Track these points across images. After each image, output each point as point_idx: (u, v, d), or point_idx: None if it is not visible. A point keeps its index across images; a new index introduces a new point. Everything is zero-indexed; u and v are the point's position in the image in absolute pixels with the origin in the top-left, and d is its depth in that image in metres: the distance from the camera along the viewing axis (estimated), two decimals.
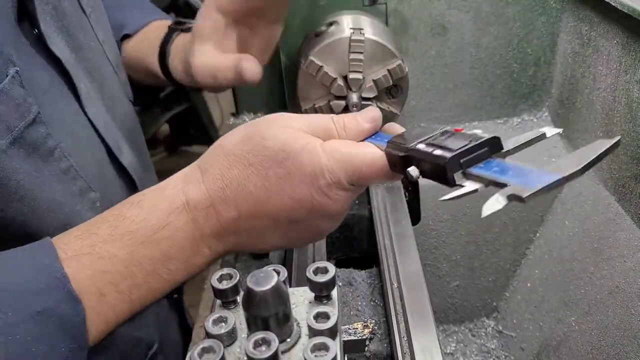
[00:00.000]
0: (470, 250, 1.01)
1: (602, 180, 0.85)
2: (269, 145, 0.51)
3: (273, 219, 0.52)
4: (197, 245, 0.53)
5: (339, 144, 0.52)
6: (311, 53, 0.77)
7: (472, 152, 0.44)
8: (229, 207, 0.52)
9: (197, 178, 0.53)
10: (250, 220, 0.52)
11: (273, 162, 0.51)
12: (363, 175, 0.51)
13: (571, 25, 0.90)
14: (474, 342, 1.03)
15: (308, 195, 0.51)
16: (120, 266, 0.50)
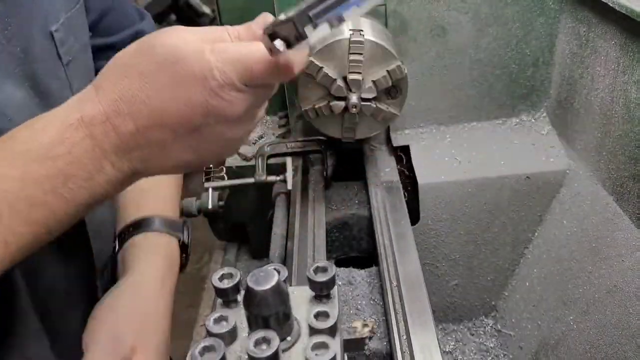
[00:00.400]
0: (469, 250, 1.01)
1: (600, 180, 0.86)
2: (158, 51, 0.50)
3: (171, 128, 0.51)
4: (99, 162, 0.50)
5: (228, 45, 0.50)
6: (311, 54, 0.78)
7: (319, 5, 0.44)
8: (125, 120, 0.50)
9: (91, 94, 0.51)
10: (149, 133, 0.50)
11: (163, 68, 0.49)
12: (255, 73, 0.49)
13: (569, 26, 0.90)
14: (472, 340, 1.04)
15: (201, 99, 0.49)
16: (15, 185, 0.48)
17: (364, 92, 0.79)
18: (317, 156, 0.98)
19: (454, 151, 0.98)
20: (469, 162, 0.96)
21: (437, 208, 0.96)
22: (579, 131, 0.91)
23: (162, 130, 0.51)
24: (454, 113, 1.01)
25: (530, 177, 0.94)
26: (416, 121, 1.01)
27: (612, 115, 0.81)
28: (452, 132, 1.01)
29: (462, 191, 0.95)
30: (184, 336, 1.03)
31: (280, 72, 0.50)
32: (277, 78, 0.52)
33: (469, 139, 0.99)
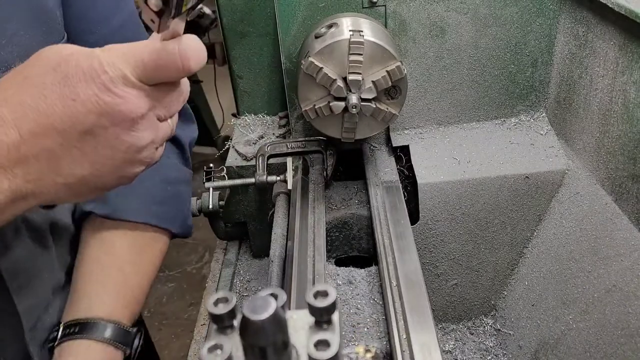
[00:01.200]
0: (468, 249, 1.01)
1: (599, 180, 0.86)
2: (44, 54, 0.46)
3: (61, 133, 0.45)
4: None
5: (117, 43, 0.47)
6: (311, 54, 0.78)
7: None
8: (7, 129, 0.44)
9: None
10: (35, 141, 0.44)
11: (48, 69, 0.45)
12: (148, 64, 0.45)
13: (568, 26, 0.90)
14: (472, 340, 1.04)
15: (92, 95, 0.44)
16: None
17: (364, 93, 0.79)
18: (317, 156, 0.98)
19: (453, 151, 0.98)
20: (468, 162, 0.96)
21: (437, 208, 0.96)
22: (578, 131, 0.91)
23: (50, 136, 0.45)
24: (454, 113, 1.01)
25: (529, 177, 0.94)
26: (416, 121, 1.01)
27: (611, 116, 0.81)
28: (451, 132, 1.01)
29: (462, 191, 0.95)
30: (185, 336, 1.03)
31: (175, 64, 0.46)
32: (174, 71, 0.47)
33: (468, 139, 1.00)
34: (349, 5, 0.90)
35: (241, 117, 1.13)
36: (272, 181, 0.96)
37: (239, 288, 1.07)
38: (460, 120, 1.02)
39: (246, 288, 1.07)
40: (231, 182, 0.99)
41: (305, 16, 0.90)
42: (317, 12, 0.90)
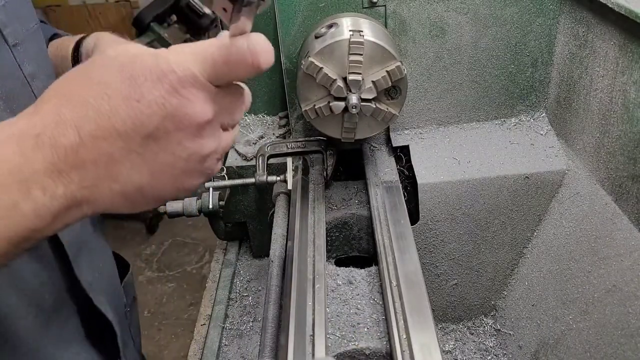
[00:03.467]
0: (468, 249, 1.01)
1: (599, 180, 0.86)
2: (109, 54, 0.44)
3: (122, 135, 0.42)
4: (26, 185, 0.41)
5: (186, 44, 0.45)
6: (311, 54, 0.78)
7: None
8: (67, 129, 0.41)
9: (31, 108, 0.44)
10: (95, 144, 0.42)
11: (113, 69, 0.43)
12: (218, 62, 0.43)
13: (568, 26, 0.90)
14: (472, 340, 1.04)
15: (158, 96, 0.42)
16: None
17: (364, 93, 0.79)
18: (317, 156, 0.98)
19: (453, 151, 0.98)
20: (468, 162, 0.96)
21: (437, 208, 0.96)
22: (578, 131, 0.91)
23: (111, 139, 0.42)
24: (454, 113, 1.01)
25: (529, 177, 0.94)
26: (416, 121, 1.01)
27: (610, 116, 0.81)
28: (451, 132, 1.01)
29: (462, 191, 0.95)
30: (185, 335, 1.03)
31: (245, 60, 0.44)
32: (244, 68, 0.45)
33: (468, 139, 1.00)
34: (349, 5, 0.90)
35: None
36: (272, 181, 0.96)
37: (239, 288, 1.07)
38: (460, 121, 1.02)
39: (246, 288, 1.07)
40: (231, 182, 0.99)
41: (305, 16, 0.90)
42: (317, 12, 0.90)
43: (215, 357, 0.92)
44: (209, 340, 0.95)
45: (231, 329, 0.98)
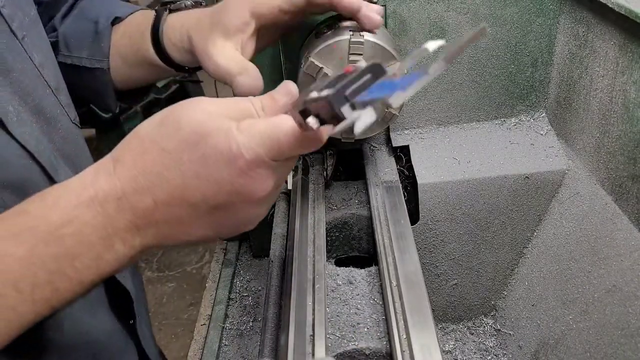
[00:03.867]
0: (468, 250, 1.01)
1: (599, 180, 0.86)
2: (183, 127, 0.48)
3: (192, 206, 0.48)
4: (109, 240, 0.48)
5: (255, 120, 0.48)
6: (311, 54, 0.78)
7: (354, 82, 0.42)
8: (143, 196, 0.48)
9: (109, 168, 0.49)
10: (168, 210, 0.48)
11: (187, 145, 0.47)
12: (283, 146, 0.48)
13: (568, 26, 0.90)
14: (472, 340, 1.04)
15: (227, 177, 0.47)
16: (16, 265, 0.46)
17: None
18: (317, 156, 0.98)
19: (453, 151, 0.98)
20: (468, 162, 0.96)
21: (437, 208, 0.96)
22: (578, 131, 0.91)
23: (182, 207, 0.48)
24: (453, 113, 1.01)
25: (529, 177, 0.94)
26: (416, 121, 1.01)
27: (610, 116, 0.81)
28: (451, 132, 1.01)
29: (462, 191, 0.95)
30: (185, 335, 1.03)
31: (310, 144, 0.49)
32: (307, 149, 0.50)
33: (468, 139, 1.00)
34: None
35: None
36: None
37: (239, 288, 1.07)
38: (460, 121, 1.02)
39: (246, 288, 1.07)
40: None
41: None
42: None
43: (215, 357, 0.92)
44: (209, 340, 0.95)
45: (231, 329, 0.98)
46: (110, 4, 0.93)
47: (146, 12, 0.89)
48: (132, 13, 0.90)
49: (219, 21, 0.75)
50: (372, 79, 0.43)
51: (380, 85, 0.43)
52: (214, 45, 0.74)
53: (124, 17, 0.89)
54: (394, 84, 0.41)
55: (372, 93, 0.42)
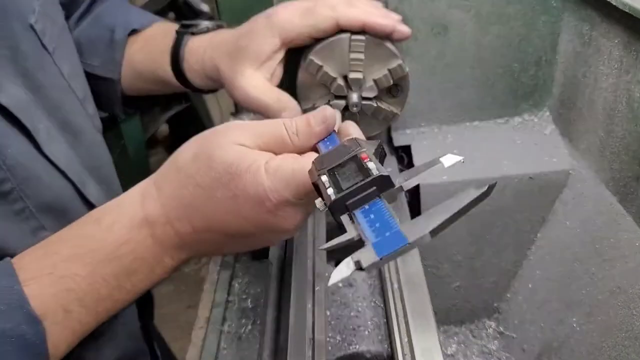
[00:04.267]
0: (471, 251, 1.00)
1: (603, 180, 0.85)
2: (215, 166, 0.52)
3: (226, 234, 0.54)
4: (159, 257, 0.55)
5: (282, 161, 0.51)
6: (311, 52, 0.77)
7: (359, 193, 0.43)
8: (184, 224, 0.54)
9: (153, 194, 0.55)
10: (206, 234, 0.54)
11: (219, 184, 0.52)
12: (307, 189, 0.50)
13: (572, 24, 0.90)
14: (475, 343, 1.03)
15: (256, 215, 0.52)
16: (83, 284, 0.52)
17: (365, 91, 0.78)
18: None
19: (455, 151, 0.96)
20: (471, 162, 0.95)
21: None
22: (582, 131, 0.90)
23: (217, 233, 0.54)
24: (456, 112, 1.00)
25: (533, 177, 0.93)
26: (417, 120, 1.00)
27: (615, 115, 0.80)
28: (453, 132, 1.00)
29: None
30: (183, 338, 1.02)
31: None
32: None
33: (471, 139, 0.99)
34: None
35: (239, 116, 1.12)
36: None
37: (237, 290, 1.06)
38: (463, 120, 1.01)
39: (245, 290, 1.06)
40: None
41: None
42: None
43: None
44: (207, 344, 0.94)
45: (230, 332, 0.97)
46: (127, 12, 0.92)
47: (165, 28, 0.89)
48: (150, 25, 0.90)
49: (247, 48, 0.74)
50: (376, 192, 0.43)
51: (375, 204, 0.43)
52: (243, 76, 0.73)
53: (141, 29, 0.89)
54: (381, 218, 0.41)
55: (365, 211, 0.42)
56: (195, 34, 0.83)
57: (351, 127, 0.59)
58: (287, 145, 0.54)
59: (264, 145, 0.54)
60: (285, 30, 0.73)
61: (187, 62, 0.82)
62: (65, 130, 0.69)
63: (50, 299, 0.50)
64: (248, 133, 0.53)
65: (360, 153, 0.46)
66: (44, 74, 0.67)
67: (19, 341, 0.48)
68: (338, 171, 0.46)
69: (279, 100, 0.73)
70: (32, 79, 0.64)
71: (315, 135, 0.54)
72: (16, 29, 0.64)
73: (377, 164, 0.44)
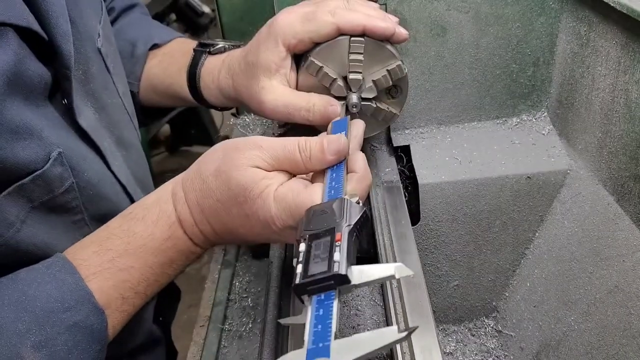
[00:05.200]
0: (469, 250, 1.01)
1: (601, 180, 0.85)
2: (232, 187, 0.59)
3: (241, 239, 0.64)
4: (193, 248, 0.64)
5: (289, 190, 0.58)
6: (311, 54, 0.77)
7: (319, 283, 0.47)
8: (207, 227, 0.63)
9: (182, 197, 0.63)
10: (226, 235, 0.64)
11: (235, 203, 0.59)
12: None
13: (570, 25, 0.90)
14: (473, 341, 1.04)
15: (264, 233, 0.61)
16: (137, 274, 0.61)
17: (365, 92, 0.79)
18: None
19: (454, 151, 0.97)
20: (469, 162, 0.95)
21: (438, 208, 0.96)
22: (579, 131, 0.91)
23: (234, 237, 0.64)
24: (455, 113, 1.00)
25: (531, 177, 0.93)
26: (416, 121, 1.01)
27: (613, 115, 0.81)
28: (452, 132, 1.01)
29: (463, 191, 0.95)
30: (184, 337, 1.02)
31: None
32: None
33: (470, 139, 0.99)
34: None
35: (240, 117, 1.12)
36: None
37: (238, 289, 1.06)
38: (461, 120, 1.01)
39: (245, 289, 1.06)
40: None
41: None
42: None
43: (215, 359, 0.91)
44: (208, 342, 0.94)
45: (230, 330, 0.97)
46: (149, 27, 0.96)
47: (185, 45, 0.92)
48: (170, 41, 0.93)
49: (256, 63, 0.76)
50: (334, 285, 0.47)
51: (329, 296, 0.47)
52: (264, 89, 0.76)
53: (162, 44, 0.92)
54: (325, 317, 0.45)
55: (320, 301, 0.47)
56: (213, 53, 0.86)
57: (356, 126, 0.68)
58: (299, 167, 0.60)
59: (277, 166, 0.60)
60: (287, 37, 0.74)
61: (204, 81, 0.85)
62: (120, 145, 0.75)
63: (111, 290, 0.58)
64: (265, 155, 0.59)
65: (337, 229, 0.51)
66: (107, 94, 0.73)
67: (88, 331, 0.55)
68: (315, 241, 0.51)
69: (308, 101, 0.75)
70: (99, 99, 0.70)
71: (326, 163, 0.60)
72: (89, 53, 0.69)
73: (344, 254, 0.48)
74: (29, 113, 0.56)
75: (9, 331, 0.51)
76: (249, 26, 1.03)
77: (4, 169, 0.53)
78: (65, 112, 0.64)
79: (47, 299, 0.54)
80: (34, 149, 0.56)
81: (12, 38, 0.54)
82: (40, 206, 0.59)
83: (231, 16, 1.03)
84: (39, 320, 0.52)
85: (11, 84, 0.53)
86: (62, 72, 0.62)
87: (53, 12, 0.60)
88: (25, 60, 0.56)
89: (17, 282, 0.54)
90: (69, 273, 0.56)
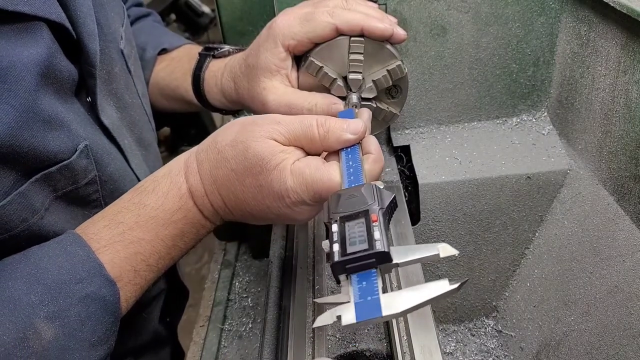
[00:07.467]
0: (469, 250, 1.01)
1: (601, 180, 0.85)
2: (249, 157, 0.59)
3: (252, 213, 0.63)
4: (203, 221, 0.64)
5: (307, 166, 0.58)
6: (311, 54, 0.77)
7: (360, 261, 0.47)
8: (218, 199, 0.63)
9: (194, 168, 0.63)
10: (235, 210, 0.63)
11: (250, 173, 0.59)
12: (322, 195, 0.58)
13: (570, 25, 0.90)
14: (473, 341, 1.04)
15: (276, 206, 0.60)
16: (148, 246, 0.60)
17: (365, 92, 0.79)
18: None
19: (454, 151, 0.97)
20: (469, 162, 0.95)
21: (438, 208, 0.96)
22: (579, 131, 0.91)
23: (243, 211, 0.63)
24: (454, 113, 1.00)
25: (531, 177, 0.93)
26: (416, 121, 1.01)
27: (612, 115, 0.81)
28: (452, 132, 1.01)
29: (463, 191, 0.95)
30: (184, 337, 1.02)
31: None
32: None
33: (470, 139, 0.99)
34: None
35: (240, 117, 1.12)
36: None
37: (238, 289, 1.06)
38: (461, 120, 1.01)
39: (245, 289, 1.06)
40: None
41: None
42: None
43: (215, 358, 0.91)
44: (208, 342, 0.94)
45: (230, 330, 0.97)
46: (159, 33, 0.98)
47: (192, 50, 0.94)
48: (179, 46, 0.94)
49: (256, 65, 0.77)
50: (374, 264, 0.47)
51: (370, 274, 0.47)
52: (266, 90, 0.77)
53: (171, 49, 0.94)
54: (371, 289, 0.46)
55: (360, 278, 0.47)
56: (217, 56, 0.87)
57: (363, 113, 0.70)
58: (315, 144, 0.60)
59: (294, 141, 0.60)
60: (286, 39, 0.74)
61: (207, 84, 0.86)
62: (139, 144, 0.76)
63: (122, 263, 0.58)
64: (283, 129, 0.60)
65: (372, 211, 0.50)
66: (128, 94, 0.74)
67: (100, 302, 0.56)
68: (349, 222, 0.50)
69: (310, 100, 0.76)
70: (120, 99, 0.72)
71: (343, 142, 0.60)
72: (112, 53, 0.71)
73: (383, 233, 0.48)
74: (59, 106, 0.58)
75: (22, 302, 0.51)
76: (249, 26, 1.03)
77: (35, 157, 0.55)
78: (89, 109, 0.67)
79: (59, 271, 0.54)
80: (63, 140, 0.58)
81: (45, 32, 0.56)
82: (63, 196, 0.60)
83: (231, 16, 1.02)
84: (52, 292, 0.53)
85: (45, 76, 0.56)
86: (88, 70, 0.65)
87: (81, 12, 0.62)
88: (56, 55, 0.58)
89: (29, 256, 0.55)
90: (79, 246, 0.57)
